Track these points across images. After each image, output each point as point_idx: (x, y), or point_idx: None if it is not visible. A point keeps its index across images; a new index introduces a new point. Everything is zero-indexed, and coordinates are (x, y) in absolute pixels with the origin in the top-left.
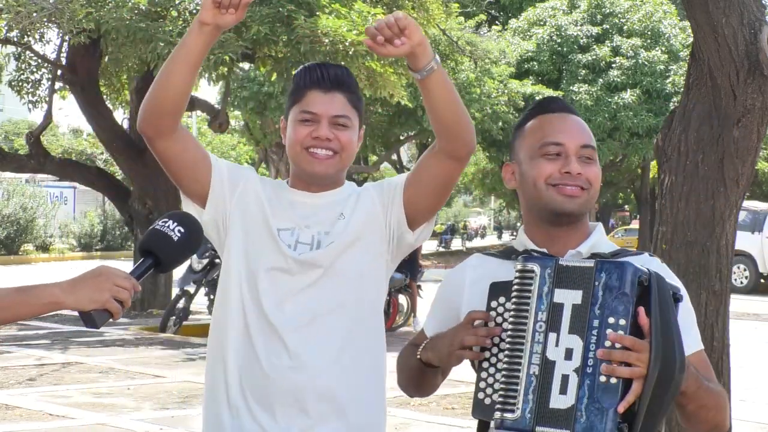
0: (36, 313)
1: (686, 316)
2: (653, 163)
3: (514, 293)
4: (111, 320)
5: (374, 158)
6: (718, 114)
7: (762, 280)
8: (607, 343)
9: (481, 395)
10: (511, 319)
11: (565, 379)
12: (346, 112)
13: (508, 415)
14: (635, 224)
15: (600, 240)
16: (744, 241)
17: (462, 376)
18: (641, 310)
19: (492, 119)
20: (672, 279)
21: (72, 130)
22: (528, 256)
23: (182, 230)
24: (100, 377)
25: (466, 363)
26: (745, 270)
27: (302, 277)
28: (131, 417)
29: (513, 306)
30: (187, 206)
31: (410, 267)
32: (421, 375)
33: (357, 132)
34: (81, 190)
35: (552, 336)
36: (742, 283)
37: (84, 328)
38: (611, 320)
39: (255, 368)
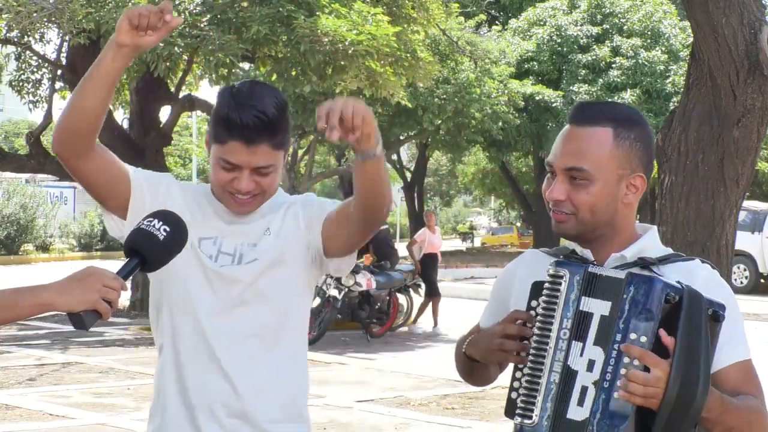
0: (26, 315)
1: (729, 327)
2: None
3: (543, 298)
4: (99, 320)
5: None
6: (718, 114)
7: (762, 280)
8: (626, 359)
9: (513, 395)
10: (538, 324)
11: (584, 390)
12: (269, 161)
13: (527, 421)
14: None
15: (649, 244)
16: (744, 241)
17: None
18: (662, 331)
19: (492, 119)
20: (718, 290)
21: None
22: (560, 261)
23: (168, 229)
24: (100, 377)
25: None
26: (745, 270)
27: (222, 292)
28: (131, 417)
29: (541, 310)
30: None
31: (429, 286)
32: (470, 367)
33: (281, 166)
34: (81, 190)
35: (577, 345)
36: (742, 283)
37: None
38: (632, 336)
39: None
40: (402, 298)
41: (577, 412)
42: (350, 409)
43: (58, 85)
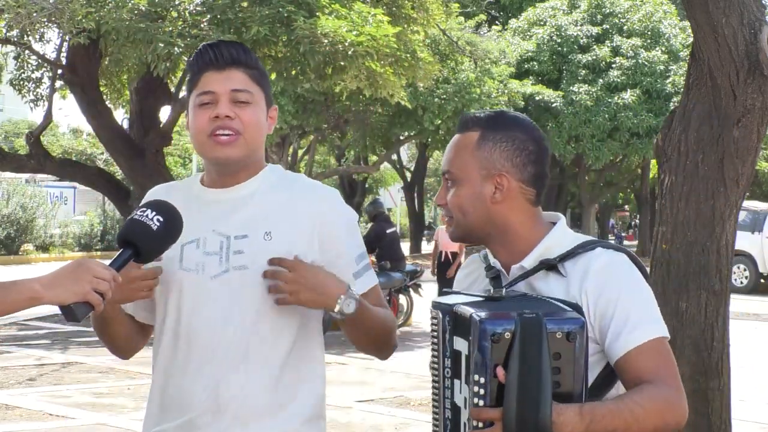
0: (15, 309)
1: (626, 312)
2: (653, 163)
3: (432, 338)
4: (92, 313)
5: (374, 158)
6: (718, 114)
7: (762, 280)
8: (474, 422)
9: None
10: (432, 363)
11: (465, 426)
12: (246, 87)
13: None
14: None
15: (553, 243)
16: (744, 241)
17: None
18: (499, 369)
19: None
20: (611, 279)
21: (72, 130)
22: (436, 302)
23: (161, 219)
24: (100, 377)
25: None
26: (745, 270)
27: (210, 293)
28: (131, 417)
29: (432, 351)
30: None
31: (451, 285)
32: None
33: (263, 110)
34: (81, 190)
35: (456, 383)
36: (742, 283)
37: (84, 328)
38: (476, 377)
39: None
40: (402, 298)
41: None
42: (350, 409)
43: (58, 84)
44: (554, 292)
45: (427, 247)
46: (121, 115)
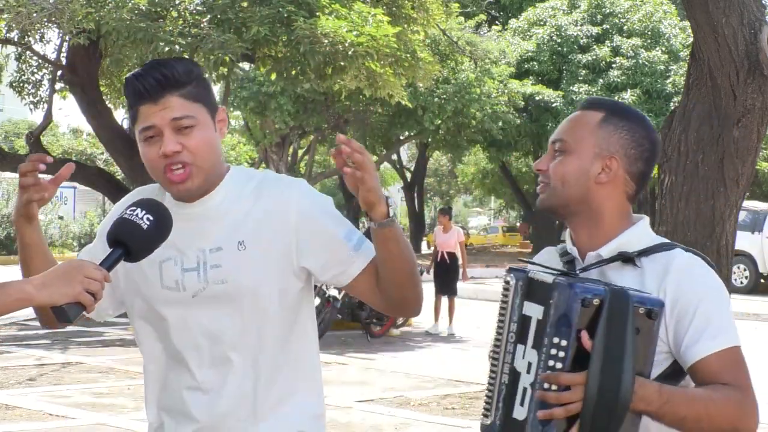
0: (5, 311)
1: (707, 317)
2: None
3: (500, 303)
4: (84, 313)
5: (374, 158)
6: (718, 114)
7: (762, 280)
8: (545, 385)
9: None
10: (496, 328)
11: (524, 391)
12: (184, 112)
13: (486, 421)
14: None
15: (633, 236)
16: (744, 241)
17: (462, 376)
18: (584, 334)
19: (492, 119)
20: (693, 279)
21: (72, 130)
22: (511, 267)
23: (151, 218)
24: (100, 377)
25: (475, 366)
26: (745, 270)
27: (193, 310)
28: (131, 417)
29: (498, 316)
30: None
31: (448, 285)
32: None
33: (210, 125)
34: (81, 190)
35: (520, 348)
36: (742, 283)
37: (84, 328)
38: (555, 340)
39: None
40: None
41: (519, 412)
42: (350, 409)
43: (58, 85)
44: (628, 284)
45: (427, 248)
46: (121, 115)
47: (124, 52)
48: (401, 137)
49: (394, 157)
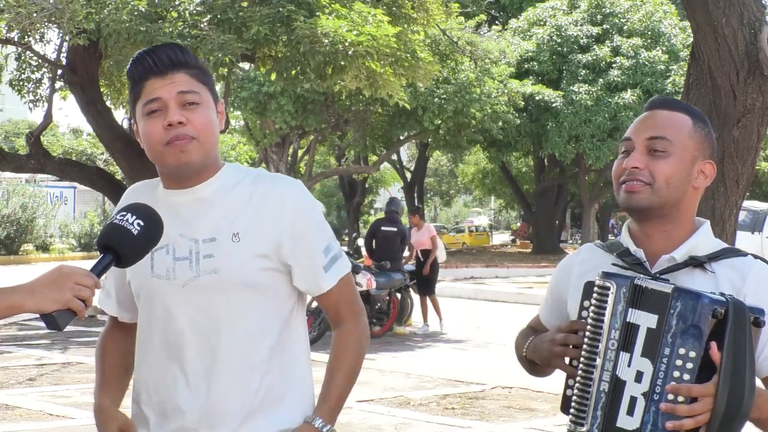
0: None
1: None
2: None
3: (592, 308)
4: (75, 320)
5: (374, 158)
6: (718, 114)
7: None
8: (670, 396)
9: (568, 392)
10: (588, 334)
11: (633, 400)
12: (191, 87)
13: (580, 429)
14: None
15: (701, 241)
16: (744, 241)
17: (462, 376)
18: (713, 345)
19: (492, 119)
20: (765, 288)
21: (72, 130)
22: (607, 273)
23: (141, 223)
24: None
25: (475, 366)
26: None
27: (183, 299)
28: (131, 417)
29: (591, 321)
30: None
31: (425, 283)
32: (531, 367)
33: (212, 109)
34: (81, 190)
35: (624, 356)
36: None
37: (85, 328)
38: (681, 351)
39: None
40: (402, 299)
41: (627, 422)
42: (350, 409)
43: (58, 85)
44: (701, 287)
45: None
46: (121, 115)
47: (125, 53)
48: (401, 137)
49: (394, 157)
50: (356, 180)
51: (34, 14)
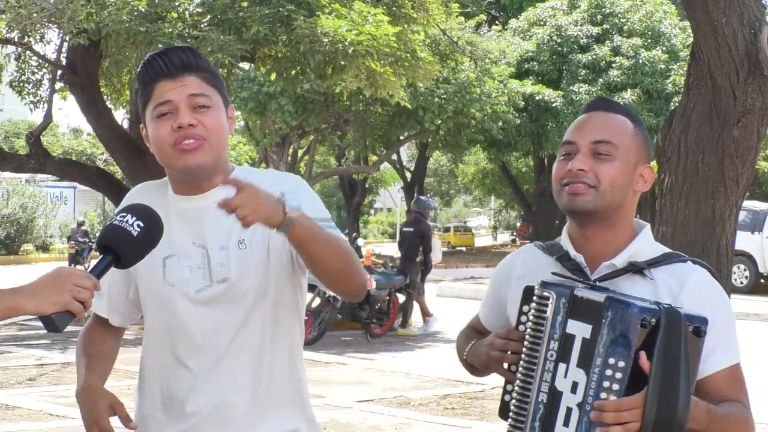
0: None
1: (719, 332)
2: (653, 163)
3: (531, 318)
4: (74, 321)
5: (374, 158)
6: (718, 114)
7: (762, 280)
8: (605, 384)
9: (507, 397)
10: (527, 344)
11: (569, 411)
12: (202, 90)
13: None
14: None
15: (642, 246)
16: (744, 241)
17: (462, 376)
18: (642, 354)
19: (492, 119)
20: (709, 294)
21: (72, 130)
22: (546, 282)
23: (141, 224)
24: None
25: (459, 363)
26: (745, 270)
27: (196, 308)
28: (132, 417)
29: (530, 331)
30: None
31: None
32: (471, 369)
33: (223, 112)
34: (81, 190)
35: (562, 366)
36: (742, 283)
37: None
38: (611, 361)
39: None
40: (402, 298)
41: None
42: (350, 409)
43: (59, 85)
44: (640, 294)
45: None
46: (121, 115)
47: (124, 53)
48: (401, 137)
49: (394, 157)
50: (356, 180)
51: (35, 14)
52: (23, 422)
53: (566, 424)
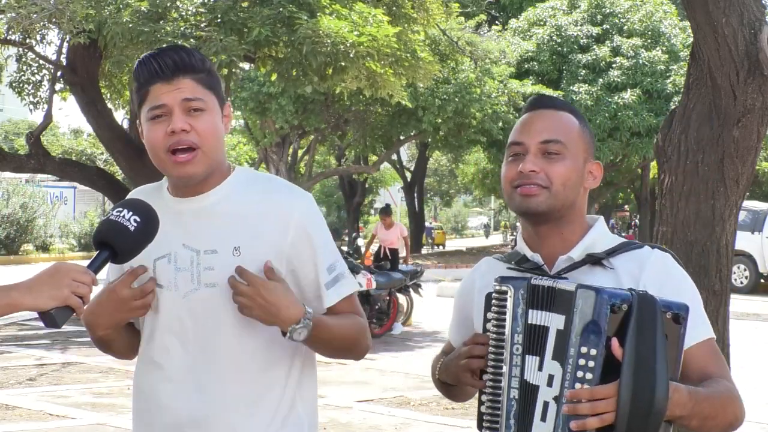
0: None
1: (689, 305)
2: (653, 163)
3: (493, 315)
4: (73, 317)
5: (374, 158)
6: (718, 114)
7: (762, 280)
8: (579, 374)
9: (482, 408)
10: (492, 342)
11: (546, 406)
12: (196, 94)
13: None
14: None
15: (597, 238)
16: (744, 241)
17: None
18: (614, 341)
19: (492, 119)
20: (670, 275)
21: (72, 130)
22: (503, 277)
23: (138, 219)
24: (100, 377)
25: None
26: (745, 270)
27: (183, 310)
28: (131, 417)
29: (493, 328)
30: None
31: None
32: (447, 390)
33: (218, 113)
34: (81, 190)
35: (533, 359)
36: (742, 283)
37: (85, 328)
38: (584, 350)
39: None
40: (402, 298)
41: (541, 428)
42: (350, 409)
43: (59, 85)
44: (602, 284)
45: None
46: (121, 115)
47: (125, 53)
48: (401, 137)
49: (394, 157)
50: (356, 180)
51: (34, 15)
52: (23, 422)
53: (543, 419)
